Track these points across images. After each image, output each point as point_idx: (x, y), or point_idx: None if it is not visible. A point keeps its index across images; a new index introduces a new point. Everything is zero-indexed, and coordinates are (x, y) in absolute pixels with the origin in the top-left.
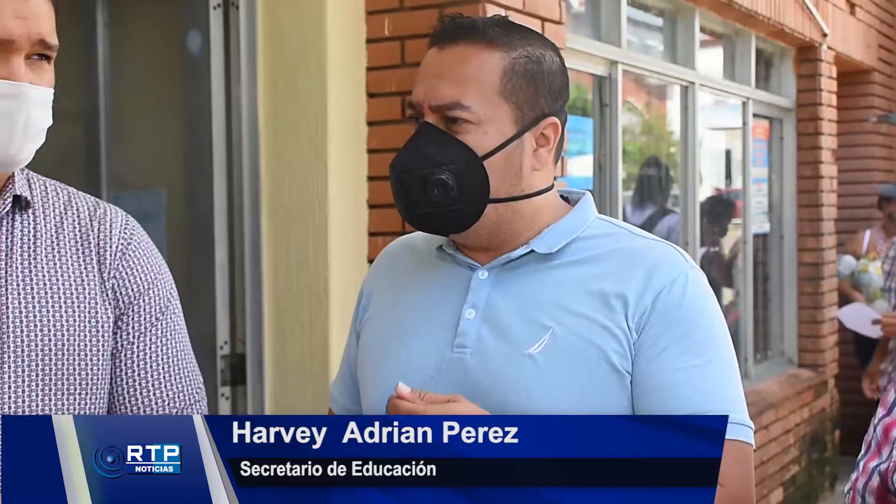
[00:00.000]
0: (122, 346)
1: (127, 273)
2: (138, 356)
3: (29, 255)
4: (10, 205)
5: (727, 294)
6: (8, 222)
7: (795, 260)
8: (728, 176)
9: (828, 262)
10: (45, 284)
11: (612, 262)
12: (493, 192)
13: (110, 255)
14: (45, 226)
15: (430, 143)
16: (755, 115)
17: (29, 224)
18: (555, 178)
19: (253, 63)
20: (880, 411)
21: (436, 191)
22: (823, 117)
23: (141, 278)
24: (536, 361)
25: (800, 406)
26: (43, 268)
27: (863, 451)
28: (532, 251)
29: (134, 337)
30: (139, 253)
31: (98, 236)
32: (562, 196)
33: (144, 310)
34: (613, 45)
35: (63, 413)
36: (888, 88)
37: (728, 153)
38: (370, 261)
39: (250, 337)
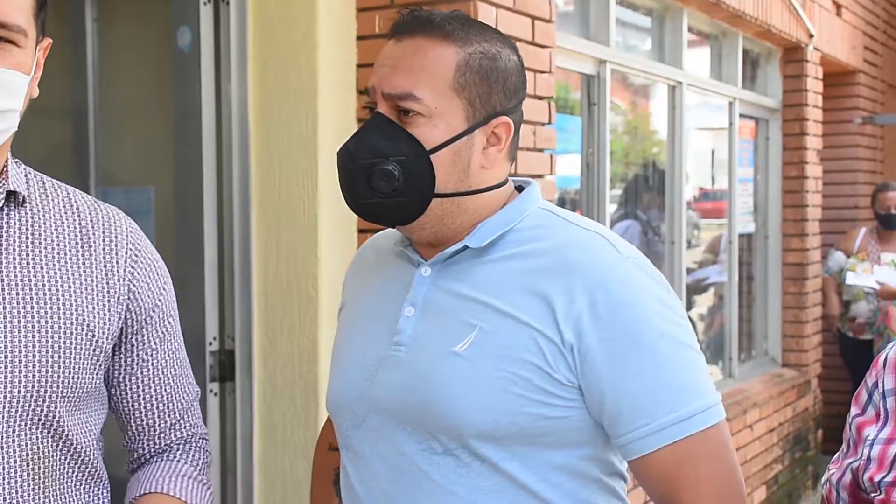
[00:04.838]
0: (138, 362)
1: (140, 289)
2: (155, 371)
3: (28, 254)
4: (2, 200)
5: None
6: (1, 217)
7: (780, 260)
8: (713, 176)
9: (812, 262)
10: (45, 284)
11: (542, 257)
12: (438, 186)
13: (118, 268)
14: (45, 224)
15: (380, 133)
16: (741, 116)
17: (26, 221)
18: (511, 175)
19: (243, 59)
20: (854, 409)
21: (381, 181)
22: (809, 118)
23: (154, 292)
24: (461, 359)
25: (783, 405)
26: (44, 267)
27: (843, 448)
28: (466, 246)
29: (148, 354)
30: (147, 263)
31: (103, 242)
32: (518, 187)
33: (158, 322)
34: (602, 44)
35: (57, 416)
36: (873, 90)
37: (713, 153)
38: None
39: (239, 333)
